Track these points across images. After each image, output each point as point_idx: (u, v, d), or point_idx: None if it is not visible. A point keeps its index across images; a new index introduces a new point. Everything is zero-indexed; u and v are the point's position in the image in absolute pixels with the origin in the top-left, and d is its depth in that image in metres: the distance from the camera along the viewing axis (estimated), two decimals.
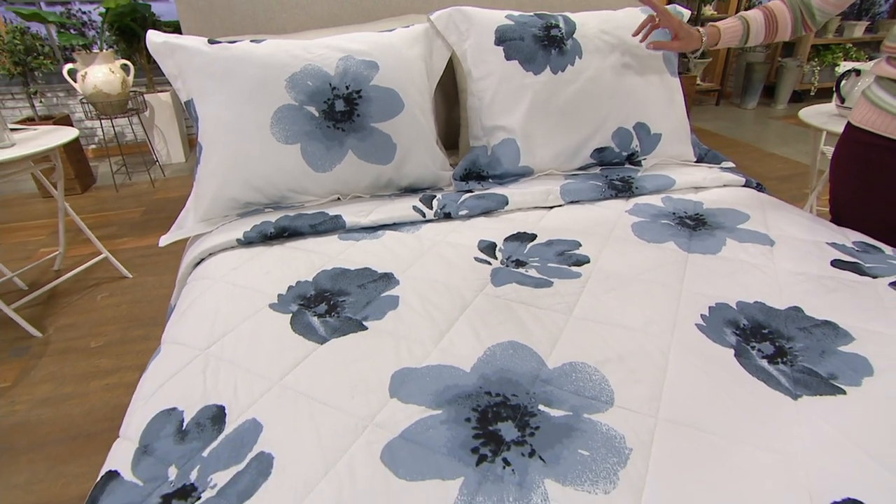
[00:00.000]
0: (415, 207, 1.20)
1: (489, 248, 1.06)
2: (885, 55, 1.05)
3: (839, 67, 1.92)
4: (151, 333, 1.88)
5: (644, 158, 1.43)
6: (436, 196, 1.25)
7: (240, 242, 1.09)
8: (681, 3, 1.61)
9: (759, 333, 0.79)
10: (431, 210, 1.20)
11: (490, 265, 1.00)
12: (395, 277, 0.95)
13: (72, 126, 2.75)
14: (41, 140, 1.83)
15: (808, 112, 1.98)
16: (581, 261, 1.00)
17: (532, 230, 1.13)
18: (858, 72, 1.80)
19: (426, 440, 0.61)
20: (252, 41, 1.23)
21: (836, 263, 0.97)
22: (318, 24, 1.61)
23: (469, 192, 1.28)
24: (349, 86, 1.20)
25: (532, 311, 0.85)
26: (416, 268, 0.99)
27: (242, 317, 0.85)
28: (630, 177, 1.34)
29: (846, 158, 1.17)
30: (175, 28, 3.35)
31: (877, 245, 1.05)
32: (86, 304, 2.07)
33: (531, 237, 1.10)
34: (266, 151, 1.16)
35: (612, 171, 1.40)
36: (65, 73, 3.07)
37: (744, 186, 1.35)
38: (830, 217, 1.26)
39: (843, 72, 1.85)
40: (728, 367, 0.72)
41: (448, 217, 1.20)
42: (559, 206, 1.25)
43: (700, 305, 0.86)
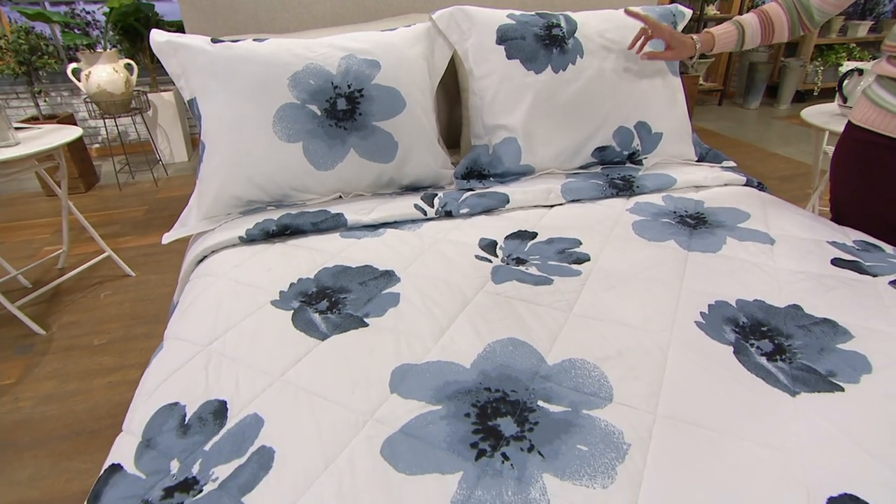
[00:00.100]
0: (416, 206, 1.20)
1: (490, 246, 1.06)
2: (886, 54, 1.06)
3: (842, 67, 1.92)
4: (154, 331, 1.89)
5: (645, 157, 1.44)
6: (437, 194, 1.26)
7: (242, 240, 1.09)
8: (683, 3, 1.61)
9: (759, 331, 0.79)
10: (433, 208, 1.20)
11: (491, 263, 1.00)
12: (396, 275, 0.96)
13: (76, 125, 2.77)
14: (45, 139, 1.84)
15: (811, 112, 1.98)
16: (581, 259, 1.01)
17: (533, 228, 1.13)
18: (861, 71, 1.80)
19: (426, 435, 0.62)
20: (255, 40, 1.23)
21: (837, 262, 0.97)
22: (321, 24, 1.61)
23: (470, 191, 1.29)
24: (351, 84, 1.21)
25: (532, 309, 0.85)
26: (417, 265, 0.99)
27: (244, 313, 0.86)
28: (631, 176, 1.35)
29: (846, 157, 1.17)
30: (178, 27, 3.36)
31: (877, 244, 1.05)
32: (89, 302, 2.09)
33: (532, 235, 1.10)
34: (268, 150, 1.17)
35: (613, 170, 1.40)
36: (69, 73, 3.09)
37: (745, 185, 1.36)
38: (831, 216, 1.26)
39: (846, 71, 1.85)
40: (727, 365, 0.73)
41: (449, 215, 1.20)
42: (560, 205, 1.26)
43: (700, 303, 0.86)
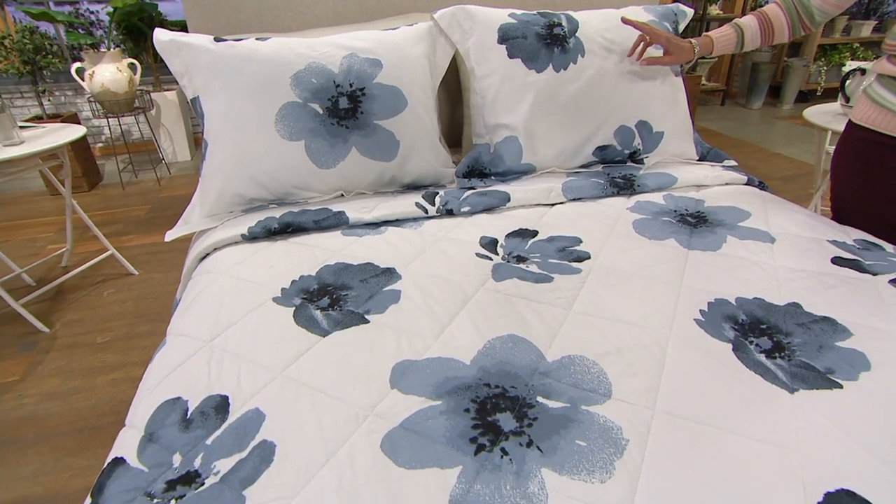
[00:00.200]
0: (417, 204, 1.21)
1: (491, 244, 1.07)
2: (886, 53, 1.06)
3: (846, 67, 1.91)
4: (157, 329, 1.90)
5: (646, 157, 1.44)
6: (438, 193, 1.27)
7: (244, 237, 1.10)
8: (685, 3, 1.61)
9: (758, 329, 0.79)
10: (434, 207, 1.21)
11: (491, 261, 1.01)
12: (397, 272, 0.96)
13: (79, 124, 2.78)
14: (49, 138, 1.85)
15: (813, 111, 1.98)
16: (582, 257, 1.01)
17: (533, 227, 1.14)
18: (864, 71, 1.79)
19: (425, 430, 0.62)
20: (257, 39, 1.24)
21: (837, 260, 0.98)
22: (323, 23, 1.62)
23: (471, 190, 1.29)
24: (353, 83, 1.21)
25: (532, 306, 0.85)
26: (418, 263, 1.00)
27: (246, 310, 0.87)
28: (632, 175, 1.35)
29: (847, 156, 1.17)
30: (182, 27, 3.37)
31: (878, 243, 1.05)
32: (92, 300, 2.10)
33: (532, 233, 1.11)
34: (270, 148, 1.18)
35: (614, 169, 1.40)
36: (73, 72, 3.10)
37: (746, 185, 1.36)
38: (832, 215, 1.26)
39: (849, 71, 1.85)
40: (726, 362, 0.73)
41: (450, 214, 1.21)
42: (561, 204, 1.26)
43: (699, 301, 0.86)
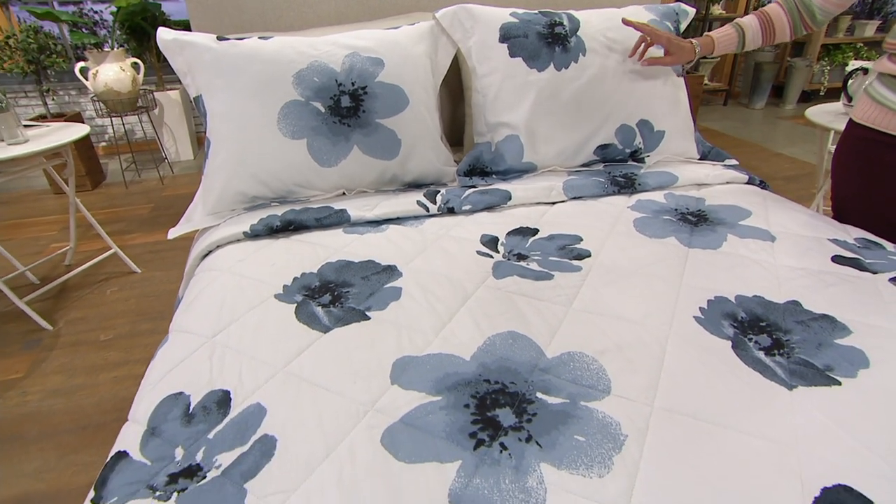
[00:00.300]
0: (419, 202, 1.21)
1: (491, 242, 1.07)
2: (887, 52, 1.06)
3: (849, 67, 1.91)
4: (159, 327, 1.91)
5: (647, 155, 1.44)
6: (440, 191, 1.27)
7: (246, 235, 1.11)
8: (687, 2, 1.61)
9: (757, 326, 0.80)
10: (435, 205, 1.21)
11: (492, 258, 1.01)
12: (399, 270, 0.97)
13: (83, 123, 2.79)
14: (53, 136, 1.86)
15: (815, 111, 1.97)
16: (582, 255, 1.01)
17: (534, 225, 1.14)
18: (866, 70, 1.79)
19: (425, 425, 0.63)
20: (260, 38, 1.25)
21: (837, 259, 0.98)
22: (326, 22, 1.63)
23: (472, 188, 1.29)
24: (355, 82, 1.22)
25: (532, 303, 0.86)
26: (419, 260, 1.00)
27: (248, 306, 0.87)
28: (633, 173, 1.35)
29: (848, 155, 1.17)
30: (185, 27, 3.37)
31: (878, 241, 1.05)
32: (95, 298, 2.11)
33: (533, 232, 1.11)
34: (273, 146, 1.18)
35: (616, 168, 1.40)
36: (76, 72, 3.12)
37: (747, 184, 1.36)
38: (832, 214, 1.26)
39: (851, 70, 1.85)
40: (725, 359, 0.73)
41: (451, 212, 1.21)
42: (562, 202, 1.26)
43: (699, 299, 0.86)
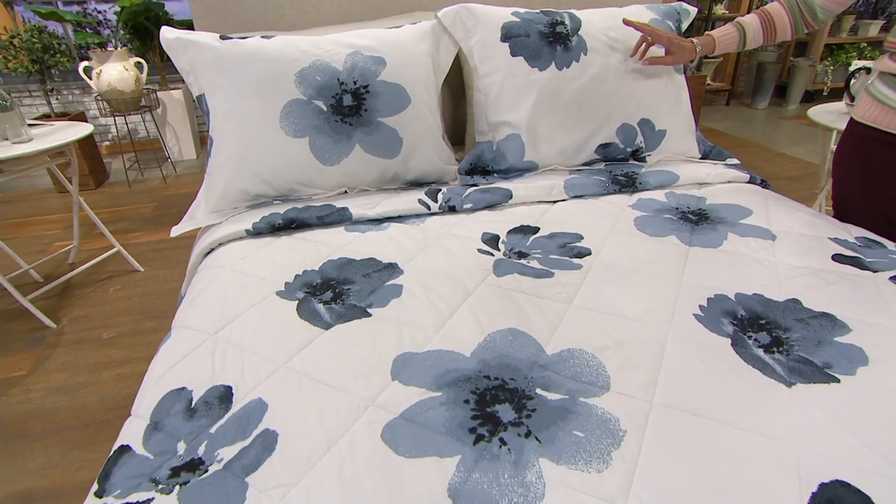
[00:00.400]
0: (420, 200, 1.22)
1: (492, 240, 1.07)
2: (888, 51, 1.06)
3: (852, 67, 1.91)
4: (162, 325, 1.92)
5: (648, 155, 1.44)
6: (441, 190, 1.27)
7: (249, 233, 1.11)
8: (688, 1, 1.61)
9: (757, 324, 0.80)
10: (436, 203, 1.22)
11: (493, 256, 1.01)
12: (400, 267, 0.97)
13: (87, 122, 2.81)
14: (57, 135, 1.87)
15: (818, 111, 1.97)
16: (582, 253, 1.01)
17: (535, 223, 1.14)
18: (869, 70, 1.79)
19: (425, 420, 0.63)
20: (262, 37, 1.25)
21: (837, 258, 0.98)
22: (328, 21, 1.63)
23: (474, 187, 1.30)
24: (357, 81, 1.22)
25: (533, 301, 0.86)
26: (421, 258, 1.01)
27: (250, 303, 0.88)
28: (634, 172, 1.35)
29: (849, 154, 1.18)
30: (188, 26, 3.39)
31: (879, 240, 1.05)
32: (99, 297, 2.12)
33: (534, 230, 1.12)
34: (275, 145, 1.19)
35: (617, 167, 1.41)
36: (80, 71, 3.13)
37: (748, 183, 1.36)
38: (833, 213, 1.26)
39: (853, 70, 1.84)
40: (724, 356, 0.74)
41: (453, 210, 1.21)
42: (563, 201, 1.27)
43: (699, 297, 0.87)
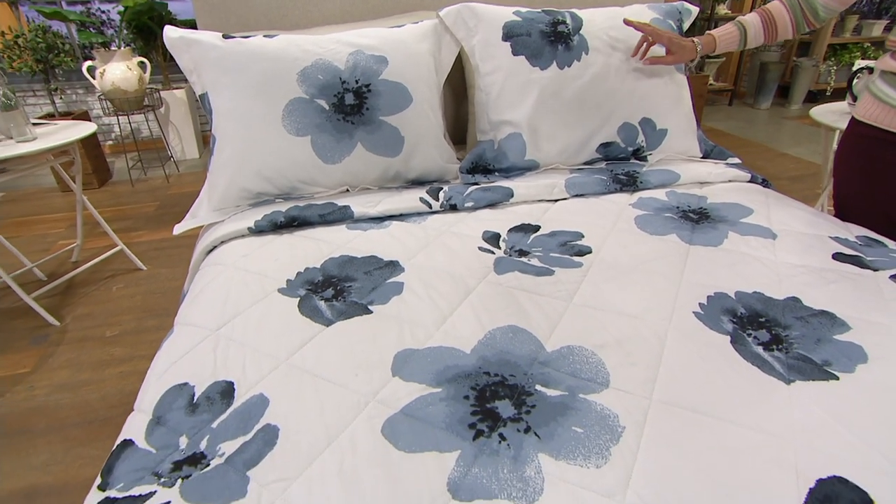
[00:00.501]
0: (421, 199, 1.22)
1: (493, 239, 1.08)
2: (890, 50, 1.06)
3: (856, 66, 1.91)
4: (164, 323, 1.92)
5: (649, 154, 1.44)
6: (442, 188, 1.28)
7: (251, 231, 1.12)
8: (690, 1, 1.62)
9: (756, 321, 0.80)
10: (438, 202, 1.22)
11: (493, 254, 1.02)
12: (401, 265, 0.98)
13: (90, 122, 2.82)
14: (61, 134, 1.88)
15: (820, 110, 1.97)
16: (583, 251, 1.02)
17: (536, 222, 1.15)
18: (872, 70, 1.79)
19: (425, 416, 0.64)
20: (265, 36, 1.26)
21: (838, 256, 0.98)
22: (330, 21, 1.64)
23: (475, 185, 1.30)
24: (359, 80, 1.23)
25: (533, 298, 0.87)
26: (422, 256, 1.01)
27: (252, 300, 0.88)
28: (635, 171, 1.35)
29: (850, 153, 1.18)
30: (191, 26, 3.40)
31: (880, 239, 1.05)
32: (102, 295, 2.13)
33: (535, 228, 1.12)
34: (277, 143, 1.19)
35: (618, 166, 1.41)
36: (84, 71, 3.15)
37: (749, 182, 1.36)
38: (835, 212, 1.26)
39: (856, 70, 1.84)
40: (723, 353, 0.74)
41: (454, 209, 1.22)
42: (564, 200, 1.27)
43: (699, 294, 0.87)
